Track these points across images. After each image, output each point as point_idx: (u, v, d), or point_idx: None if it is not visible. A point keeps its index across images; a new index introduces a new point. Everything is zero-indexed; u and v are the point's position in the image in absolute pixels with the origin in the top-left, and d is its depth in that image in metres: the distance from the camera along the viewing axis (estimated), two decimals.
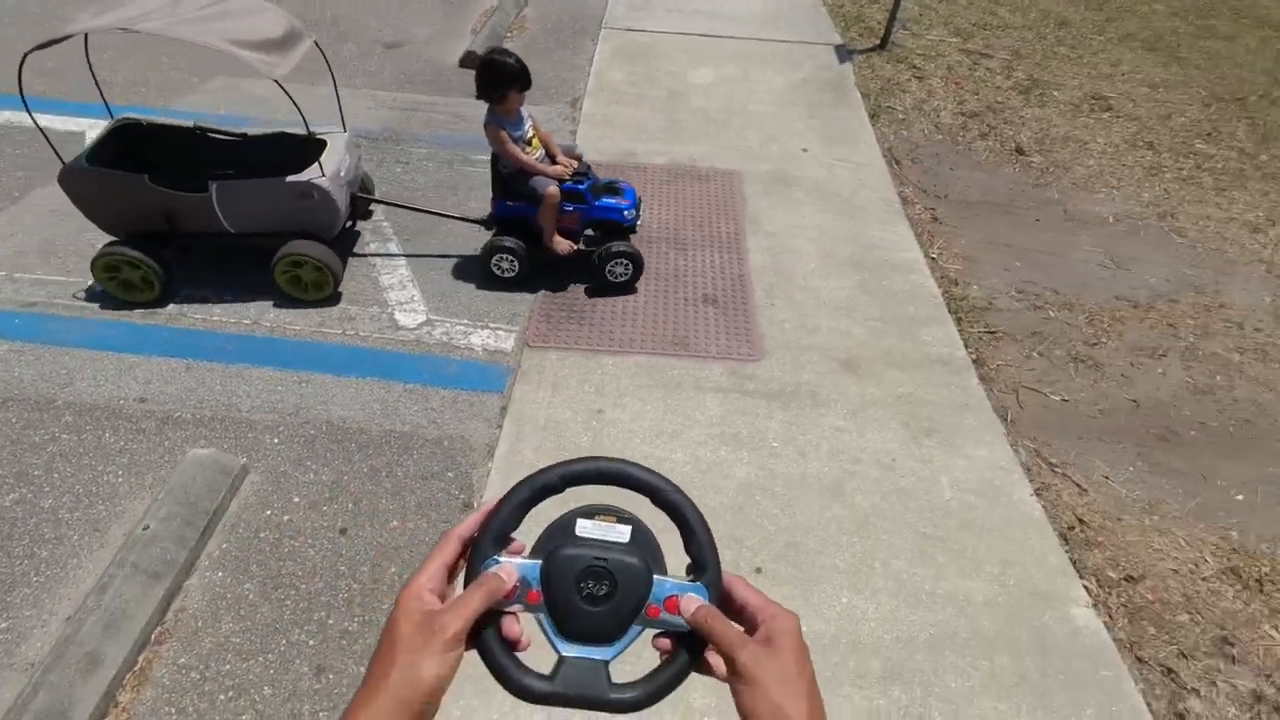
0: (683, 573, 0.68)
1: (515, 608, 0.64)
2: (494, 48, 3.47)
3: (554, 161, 3.60)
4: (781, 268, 4.08)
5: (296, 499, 2.79)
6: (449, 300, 3.73)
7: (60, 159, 3.18)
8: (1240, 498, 3.26)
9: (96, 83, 3.45)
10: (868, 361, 3.54)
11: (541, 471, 0.68)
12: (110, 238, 3.42)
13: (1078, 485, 3.19)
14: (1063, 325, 4.08)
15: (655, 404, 3.22)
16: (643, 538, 0.66)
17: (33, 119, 3.11)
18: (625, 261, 3.67)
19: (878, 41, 6.62)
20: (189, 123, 3.58)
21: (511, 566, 0.64)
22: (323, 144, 3.48)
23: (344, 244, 3.87)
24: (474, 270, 3.89)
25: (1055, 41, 7.51)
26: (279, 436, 2.99)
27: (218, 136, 3.60)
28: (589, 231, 3.78)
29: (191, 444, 2.90)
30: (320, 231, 3.45)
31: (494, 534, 0.66)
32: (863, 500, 2.88)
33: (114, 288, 3.40)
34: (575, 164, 3.62)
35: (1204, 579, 2.88)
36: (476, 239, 3.96)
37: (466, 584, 0.64)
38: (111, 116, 3.51)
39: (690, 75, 5.84)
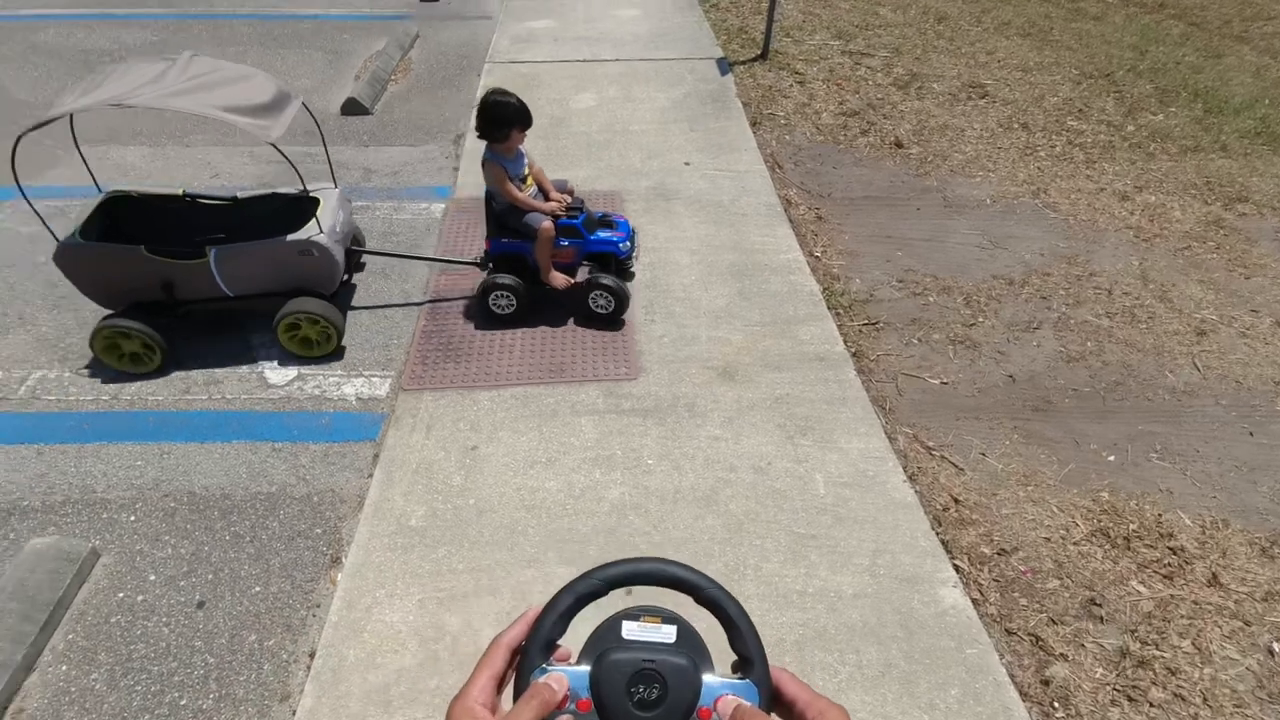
0: (729, 669, 0.69)
1: (566, 717, 0.64)
2: (494, 89, 3.46)
3: (547, 198, 3.66)
4: (660, 283, 4.10)
5: (152, 577, 2.68)
6: None
7: (55, 237, 3.21)
8: (1111, 458, 3.34)
9: (84, 160, 3.62)
10: (745, 367, 3.56)
11: (583, 577, 0.69)
12: (105, 311, 3.43)
13: (955, 466, 3.24)
14: (941, 309, 4.17)
15: (530, 434, 3.19)
16: (689, 637, 0.67)
17: (29, 203, 3.24)
18: (607, 294, 3.67)
19: (759, 51, 6.77)
20: (178, 190, 3.62)
21: (561, 675, 0.64)
22: (315, 201, 3.52)
23: (342, 299, 3.92)
24: (354, 318, 3.83)
25: (934, 35, 7.76)
26: (135, 513, 2.89)
27: (208, 202, 3.64)
28: (584, 265, 3.83)
29: (38, 533, 2.78)
30: (320, 287, 3.49)
31: (541, 643, 0.66)
32: (736, 507, 2.88)
33: (114, 361, 3.39)
34: (568, 199, 3.68)
35: (1074, 543, 2.93)
36: (363, 287, 3.90)
37: (516, 694, 0.64)
38: (99, 192, 3.56)
39: (572, 101, 5.89)
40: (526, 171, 3.58)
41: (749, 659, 0.67)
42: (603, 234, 3.71)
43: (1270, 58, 7.51)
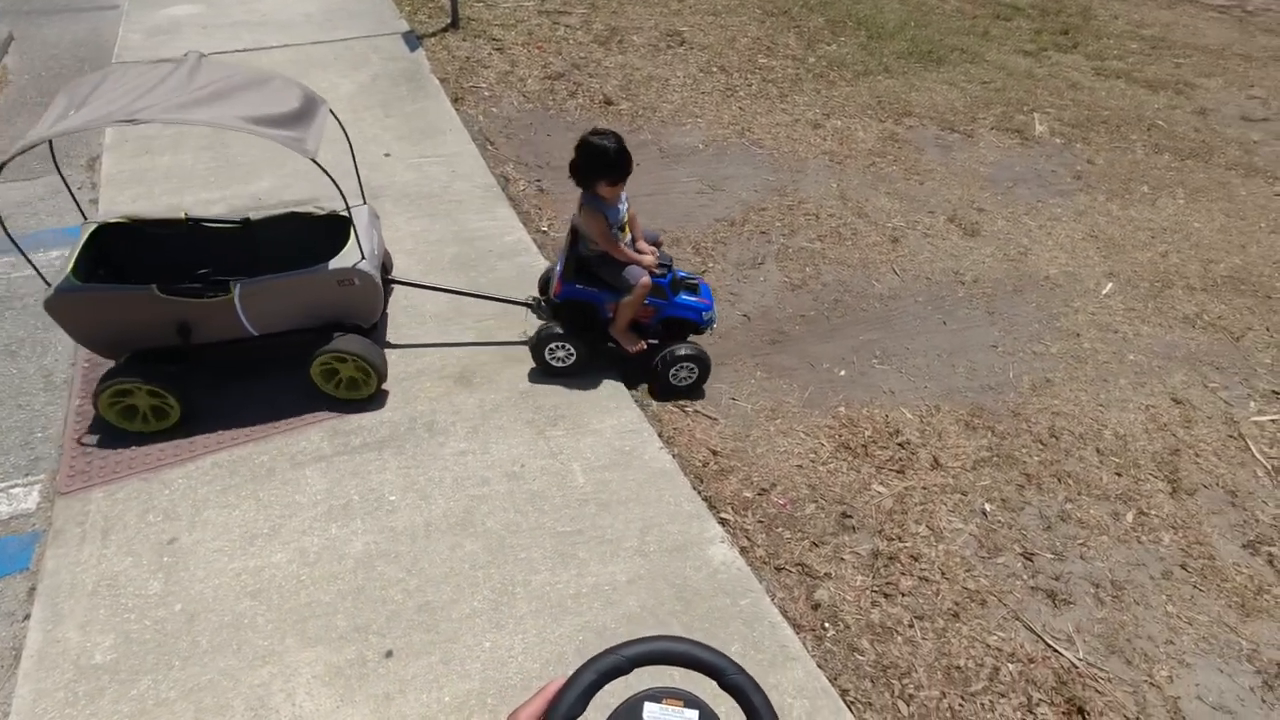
0: None
1: None
2: (595, 129, 2.97)
3: (635, 247, 3.20)
4: None
5: None
6: None
7: (45, 281, 2.73)
8: (842, 373, 3.59)
9: (68, 186, 3.02)
10: (484, 367, 3.31)
11: (608, 652, 0.68)
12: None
13: (709, 418, 3.28)
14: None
15: (244, 505, 2.70)
16: None
17: (14, 242, 2.72)
18: (691, 366, 3.23)
19: (449, 20, 6.35)
20: (179, 214, 3.09)
21: None
22: (345, 221, 3.05)
23: (379, 333, 3.35)
24: None
25: None
26: None
27: (215, 225, 3.11)
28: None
29: None
30: (360, 321, 3.05)
31: None
32: (495, 523, 2.66)
33: (126, 421, 2.87)
34: (658, 253, 3.25)
35: (823, 463, 3.10)
36: None
37: None
38: (84, 219, 3.03)
39: None
40: (625, 219, 3.13)
41: None
42: (686, 298, 3.26)
43: None
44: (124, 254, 3.05)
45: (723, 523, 2.76)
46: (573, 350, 3.20)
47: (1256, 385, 3.64)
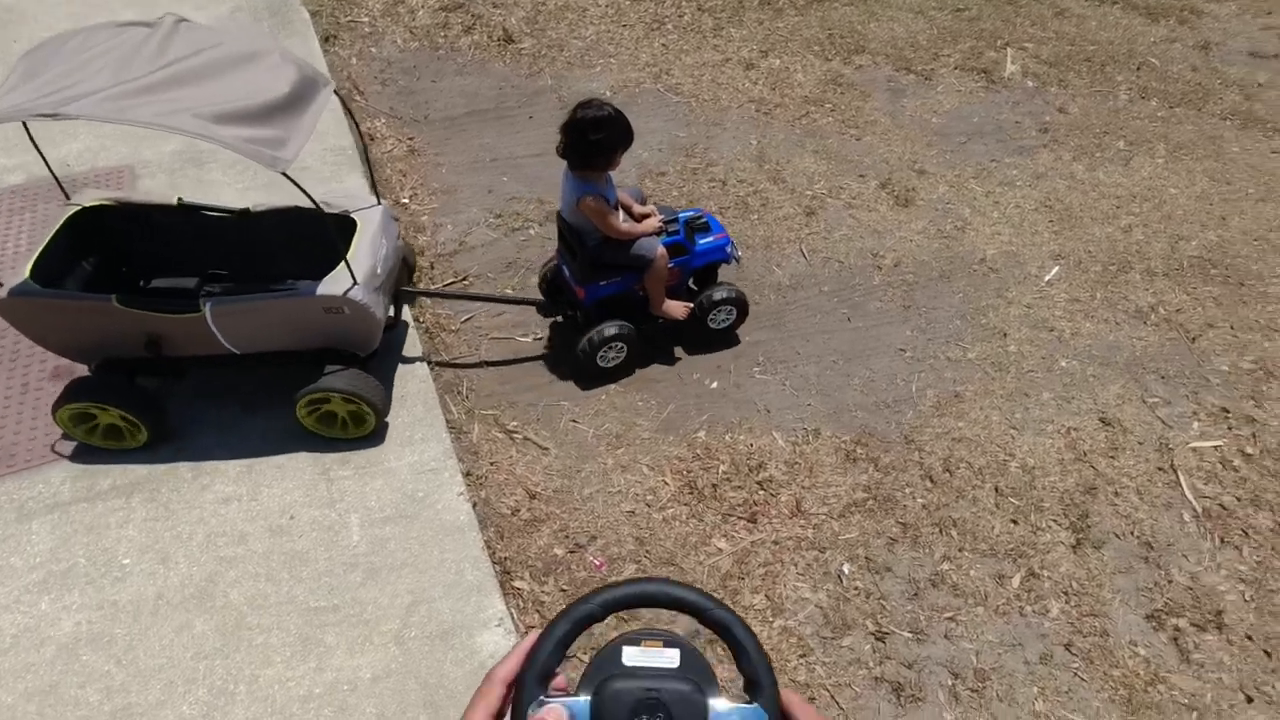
0: (738, 690, 0.66)
1: None
2: (584, 102, 2.64)
3: (632, 216, 2.92)
4: None
5: None
6: None
7: None
8: (714, 385, 3.07)
9: (46, 162, 2.56)
10: (279, 384, 2.83)
11: (581, 601, 0.67)
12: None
13: (539, 446, 2.81)
14: (543, 241, 3.64)
15: None
16: (693, 661, 0.66)
17: None
18: (729, 308, 3.08)
19: None
20: (172, 199, 2.72)
21: (559, 708, 0.62)
22: (350, 224, 2.63)
23: (383, 357, 2.92)
24: None
25: None
26: None
27: (211, 214, 2.76)
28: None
29: None
30: (353, 349, 2.65)
31: (537, 674, 0.64)
32: (239, 595, 2.25)
33: (88, 437, 2.56)
34: (655, 210, 2.98)
35: (660, 509, 2.63)
36: None
37: None
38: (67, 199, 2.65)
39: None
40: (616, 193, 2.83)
41: (757, 682, 0.65)
42: (705, 242, 3.01)
43: None
44: (108, 240, 2.71)
45: (514, 593, 2.33)
46: (624, 346, 2.96)
47: (1204, 400, 3.09)
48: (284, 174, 2.12)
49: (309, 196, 2.29)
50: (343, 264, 2.45)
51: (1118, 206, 4.01)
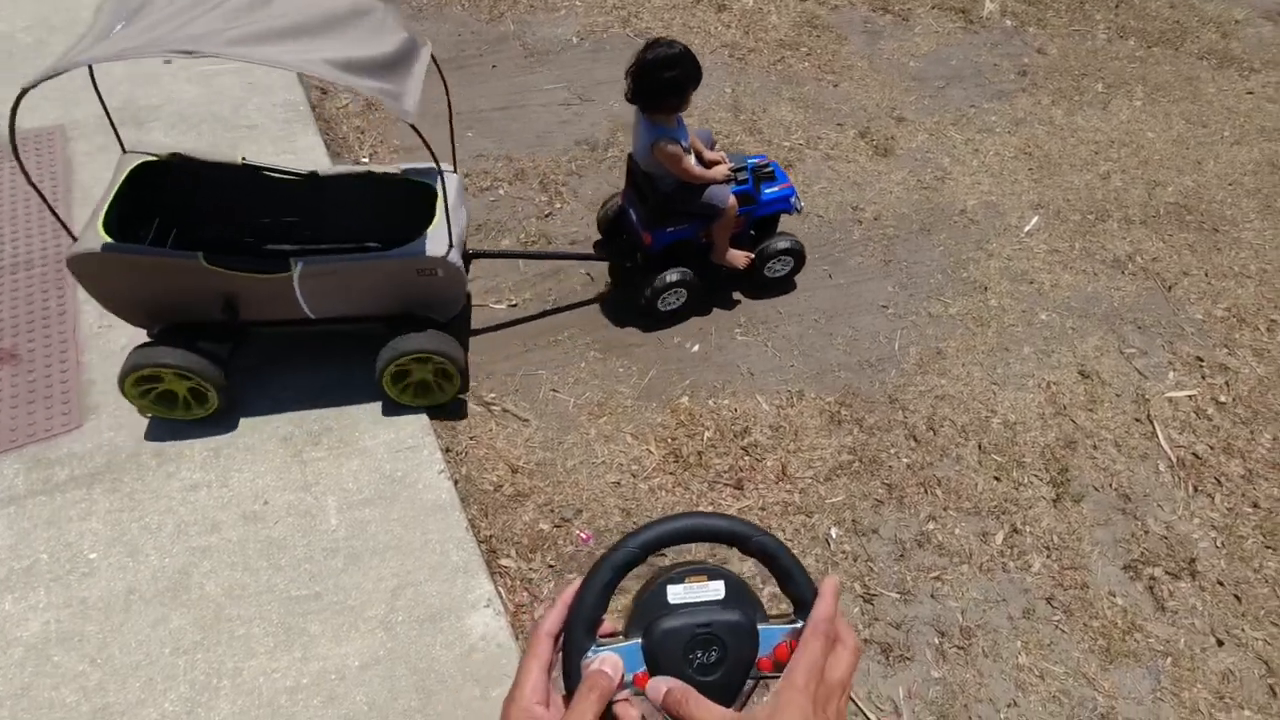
0: (783, 608, 0.67)
1: (625, 694, 0.61)
2: (655, 40, 2.55)
3: (703, 161, 2.79)
4: None
5: None
6: None
7: (71, 234, 2.23)
8: (695, 349, 3.01)
9: (108, 113, 2.43)
10: (243, 362, 2.70)
11: (618, 546, 0.65)
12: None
13: (519, 418, 2.73)
14: (513, 203, 3.49)
15: None
16: (738, 589, 0.66)
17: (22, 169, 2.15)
18: (787, 258, 3.09)
19: None
20: (236, 158, 2.58)
21: (612, 655, 0.62)
22: (429, 191, 2.52)
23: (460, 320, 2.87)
24: None
25: None
26: None
27: (276, 176, 2.61)
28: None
29: None
30: (435, 314, 2.56)
31: (584, 624, 0.63)
32: (215, 586, 2.17)
33: (155, 408, 2.45)
34: (724, 156, 2.89)
35: (645, 479, 2.59)
36: None
37: (566, 679, 0.62)
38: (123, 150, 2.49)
39: None
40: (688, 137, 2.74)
41: (804, 603, 0.65)
42: (770, 191, 2.97)
43: None
44: (167, 200, 2.55)
45: (501, 573, 2.29)
46: (684, 293, 2.96)
47: (1180, 350, 3.12)
48: (411, 126, 2.02)
49: (433, 155, 2.18)
50: (439, 221, 2.39)
51: (1096, 153, 3.97)
